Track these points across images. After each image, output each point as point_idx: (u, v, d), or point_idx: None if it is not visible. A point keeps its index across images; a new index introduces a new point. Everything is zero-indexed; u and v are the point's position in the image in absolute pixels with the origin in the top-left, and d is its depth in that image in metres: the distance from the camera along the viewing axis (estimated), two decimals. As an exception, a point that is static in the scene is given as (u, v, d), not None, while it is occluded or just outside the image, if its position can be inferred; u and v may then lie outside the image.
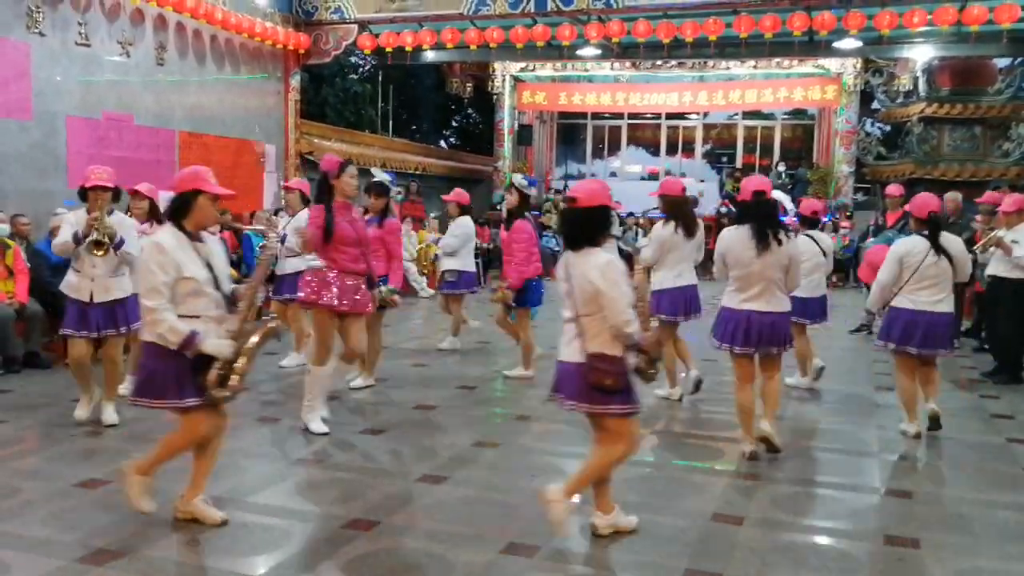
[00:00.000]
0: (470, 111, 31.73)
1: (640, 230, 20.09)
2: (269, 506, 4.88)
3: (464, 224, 9.90)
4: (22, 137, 10.15)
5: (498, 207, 20.40)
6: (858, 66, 19.97)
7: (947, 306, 6.30)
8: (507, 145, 22.86)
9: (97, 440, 6.11)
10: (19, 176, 10.06)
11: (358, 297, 6.36)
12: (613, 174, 25.01)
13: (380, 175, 7.76)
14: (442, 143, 31.15)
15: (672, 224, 7.21)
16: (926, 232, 6.25)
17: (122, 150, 11.53)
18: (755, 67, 20.90)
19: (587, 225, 4.27)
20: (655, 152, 25.21)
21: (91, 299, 6.27)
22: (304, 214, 8.06)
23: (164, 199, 11.91)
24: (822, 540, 4.57)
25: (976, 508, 5.07)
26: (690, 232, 7.23)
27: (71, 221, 6.36)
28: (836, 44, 15.79)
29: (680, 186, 7.48)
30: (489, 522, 4.65)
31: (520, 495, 5.07)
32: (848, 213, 19.63)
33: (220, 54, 13.64)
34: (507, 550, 4.30)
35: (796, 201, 20.79)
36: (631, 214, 20.71)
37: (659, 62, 20.22)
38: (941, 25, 13.35)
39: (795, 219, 10.10)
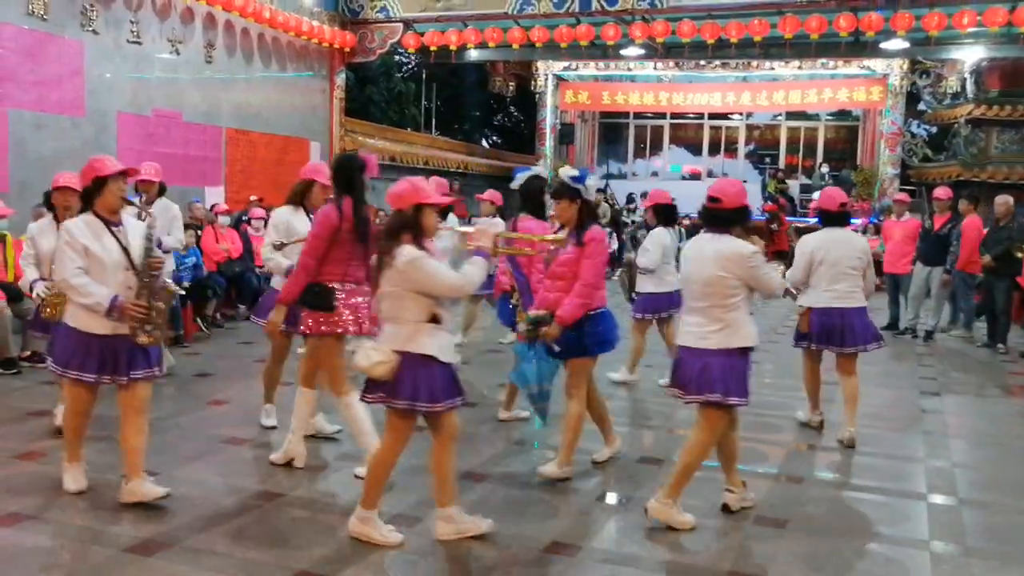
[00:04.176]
0: (512, 110, 31.77)
1: (682, 231, 19.96)
2: (312, 500, 4.93)
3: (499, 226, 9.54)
4: (75, 133, 10.35)
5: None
6: (905, 67, 19.71)
7: None
8: (549, 144, 22.87)
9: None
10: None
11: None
12: (655, 174, 24.92)
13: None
14: (484, 142, 31.20)
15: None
16: None
17: (170, 146, 11.71)
18: (799, 67, 20.70)
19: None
20: (697, 152, 25.08)
21: None
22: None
23: (212, 195, 12.02)
24: (868, 545, 4.53)
25: (1024, 517, 5.01)
26: None
27: (39, 245, 6.10)
28: (883, 45, 15.62)
29: (840, 199, 6.45)
30: (531, 521, 4.66)
31: (561, 494, 5.08)
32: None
33: (267, 52, 13.81)
34: (549, 549, 4.32)
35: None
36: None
37: (703, 62, 20.13)
38: (991, 26, 13.15)
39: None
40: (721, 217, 4.58)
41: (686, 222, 20.02)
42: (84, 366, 4.61)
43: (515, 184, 6.14)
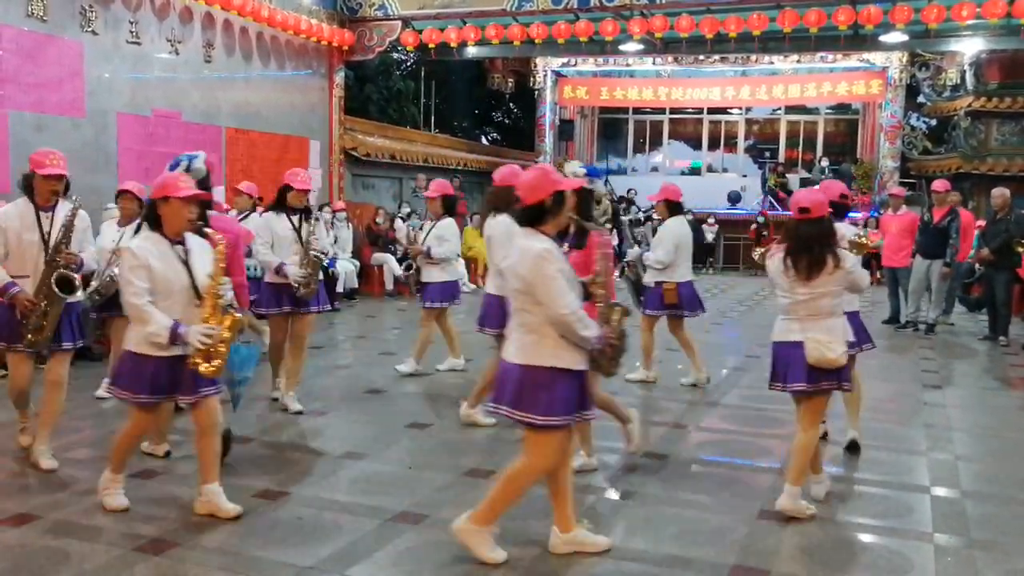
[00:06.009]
0: (511, 106, 31.74)
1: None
2: (318, 499, 4.95)
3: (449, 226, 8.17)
4: (75, 134, 10.35)
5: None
6: (904, 60, 19.71)
7: None
8: (548, 140, 22.88)
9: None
10: (72, 172, 10.20)
11: None
12: (655, 169, 24.93)
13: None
14: (483, 139, 31.18)
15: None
16: None
17: (170, 146, 11.69)
18: (798, 61, 20.71)
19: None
20: (697, 147, 25.08)
21: None
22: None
23: (217, 193, 12.00)
24: (871, 538, 4.55)
25: (1027, 508, 5.02)
26: None
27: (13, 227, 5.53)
28: (882, 38, 15.59)
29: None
30: (535, 517, 4.67)
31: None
32: (892, 208, 19.42)
33: (266, 51, 13.79)
34: (554, 545, 4.33)
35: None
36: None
37: (701, 57, 20.12)
38: (990, 18, 13.14)
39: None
40: (847, 211, 5.86)
41: (688, 216, 20.14)
42: (580, 405, 4.06)
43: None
